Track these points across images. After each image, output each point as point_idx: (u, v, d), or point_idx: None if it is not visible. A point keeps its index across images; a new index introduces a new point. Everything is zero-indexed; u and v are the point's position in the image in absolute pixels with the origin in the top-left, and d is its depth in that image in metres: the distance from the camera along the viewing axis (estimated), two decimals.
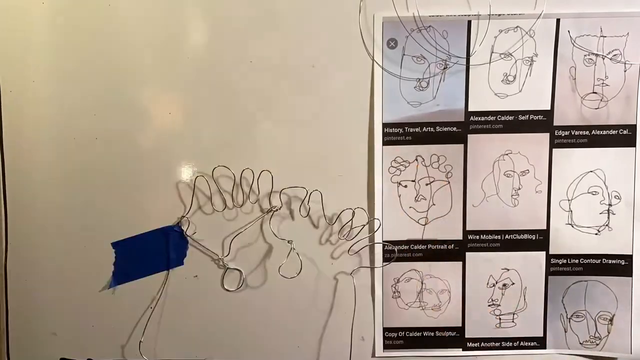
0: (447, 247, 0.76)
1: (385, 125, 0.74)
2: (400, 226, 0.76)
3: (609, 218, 0.75)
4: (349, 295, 0.76)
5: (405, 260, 0.76)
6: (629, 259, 0.76)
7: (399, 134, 0.74)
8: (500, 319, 0.78)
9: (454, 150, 0.75)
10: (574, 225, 0.76)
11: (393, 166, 0.75)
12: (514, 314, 0.78)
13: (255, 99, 0.74)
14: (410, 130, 0.74)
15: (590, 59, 0.72)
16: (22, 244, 0.77)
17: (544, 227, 0.76)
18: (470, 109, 0.74)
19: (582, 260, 0.76)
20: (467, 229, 0.76)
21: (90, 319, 0.78)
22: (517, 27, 0.72)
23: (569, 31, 0.72)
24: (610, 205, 0.75)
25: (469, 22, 0.72)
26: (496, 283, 0.77)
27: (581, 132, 0.74)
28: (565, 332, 0.78)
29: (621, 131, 0.74)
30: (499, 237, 0.76)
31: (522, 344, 0.78)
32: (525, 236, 0.76)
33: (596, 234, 0.76)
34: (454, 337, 0.78)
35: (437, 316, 0.78)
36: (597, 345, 0.77)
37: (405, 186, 0.75)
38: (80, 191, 0.76)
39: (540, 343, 0.78)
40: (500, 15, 0.71)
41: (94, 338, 0.79)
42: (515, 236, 0.76)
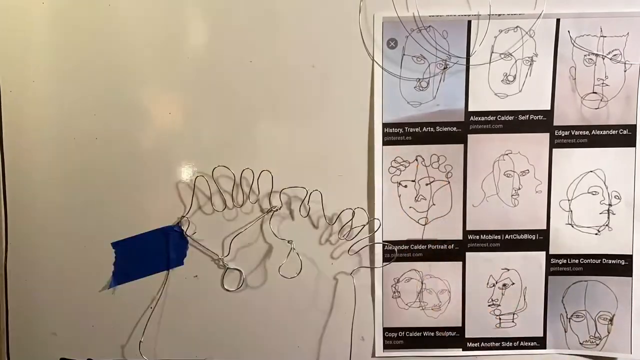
0: (447, 247, 0.76)
1: (385, 125, 0.74)
2: (400, 226, 0.76)
3: (609, 218, 0.75)
4: (349, 295, 0.76)
5: (405, 260, 0.76)
6: (629, 259, 0.76)
7: (399, 134, 0.74)
8: (500, 319, 0.78)
9: (454, 150, 0.75)
10: (574, 225, 0.76)
11: (393, 166, 0.75)
12: (514, 314, 0.78)
13: (255, 99, 0.74)
14: (410, 130, 0.74)
15: (590, 59, 0.72)
16: (22, 244, 0.77)
17: (544, 227, 0.76)
18: (470, 109, 0.74)
19: (582, 260, 0.76)
20: (467, 229, 0.76)
21: (90, 319, 0.78)
22: (517, 27, 0.72)
23: (569, 31, 0.72)
24: (610, 205, 0.75)
25: (469, 22, 0.72)
26: (496, 283, 0.77)
27: (581, 132, 0.74)
28: (565, 332, 0.78)
29: (621, 131, 0.74)
30: (499, 237, 0.76)
31: (522, 344, 0.78)
32: (525, 236, 0.76)
33: (596, 234, 0.76)
34: (454, 337, 0.78)
35: (437, 316, 0.78)
36: (597, 345, 0.77)
37: (405, 186, 0.75)
38: (80, 191, 0.76)
39: (540, 343, 0.78)
40: (500, 15, 0.71)
41: (94, 338, 0.79)
42: (515, 236, 0.76)
